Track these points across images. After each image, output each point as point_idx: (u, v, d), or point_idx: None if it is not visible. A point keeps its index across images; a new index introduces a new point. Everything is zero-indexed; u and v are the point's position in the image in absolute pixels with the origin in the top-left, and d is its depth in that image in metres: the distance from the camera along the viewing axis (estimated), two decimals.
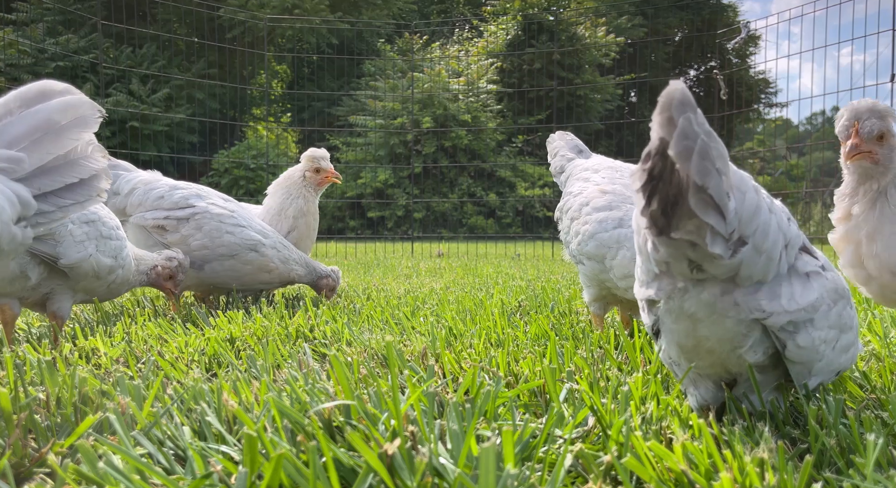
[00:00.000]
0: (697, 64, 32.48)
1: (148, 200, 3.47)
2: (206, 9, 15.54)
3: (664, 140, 1.14)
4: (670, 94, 1.13)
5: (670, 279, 1.37)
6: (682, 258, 1.28)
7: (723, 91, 10.11)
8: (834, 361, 1.48)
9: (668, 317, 1.42)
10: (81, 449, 1.07)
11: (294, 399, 1.47)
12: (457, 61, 24.59)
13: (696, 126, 1.12)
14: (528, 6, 24.83)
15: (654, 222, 1.22)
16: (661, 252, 1.29)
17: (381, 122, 21.81)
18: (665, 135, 1.13)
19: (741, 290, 1.33)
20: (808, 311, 1.36)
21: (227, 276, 3.53)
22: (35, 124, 1.72)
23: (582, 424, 1.40)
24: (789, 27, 9.78)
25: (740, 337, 1.37)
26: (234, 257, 3.50)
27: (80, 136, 1.82)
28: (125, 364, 2.09)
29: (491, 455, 0.94)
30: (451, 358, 1.97)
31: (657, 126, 1.14)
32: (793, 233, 1.38)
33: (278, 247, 3.68)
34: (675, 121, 1.12)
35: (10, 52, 18.19)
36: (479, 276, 6.09)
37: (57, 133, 1.75)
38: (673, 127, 1.12)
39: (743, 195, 1.23)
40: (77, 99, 1.81)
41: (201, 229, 3.44)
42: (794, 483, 1.06)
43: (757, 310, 1.33)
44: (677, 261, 1.30)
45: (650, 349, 2.12)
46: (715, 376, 1.50)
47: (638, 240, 1.39)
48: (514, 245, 14.32)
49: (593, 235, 2.53)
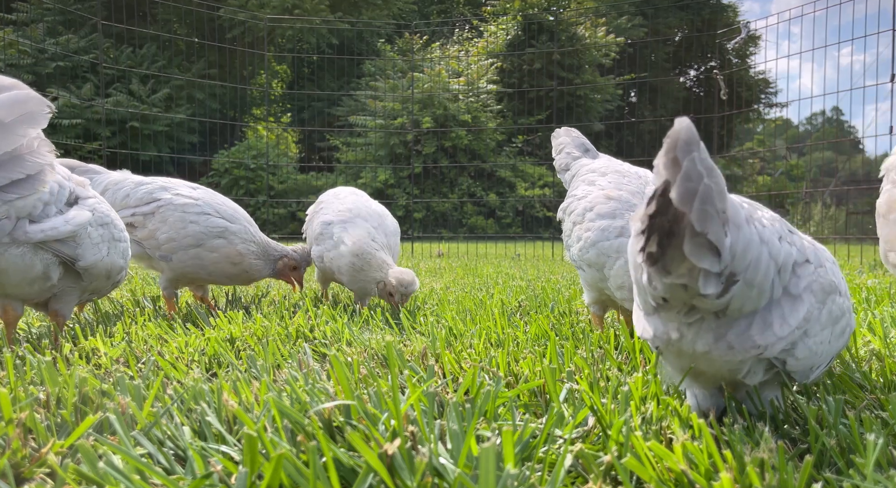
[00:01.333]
0: (697, 64, 32.48)
1: (116, 200, 3.45)
2: (206, 9, 15.54)
3: (668, 182, 1.13)
4: (676, 133, 1.12)
5: (665, 325, 1.37)
6: (677, 297, 1.29)
7: (723, 91, 10.11)
8: (831, 351, 1.49)
9: (667, 353, 1.44)
10: (81, 449, 1.07)
11: (294, 399, 1.47)
12: (457, 61, 24.58)
13: (699, 166, 1.11)
14: (528, 6, 24.83)
15: (650, 262, 1.22)
16: (657, 289, 1.28)
17: (381, 122, 21.80)
18: (669, 178, 1.12)
19: (734, 331, 1.32)
20: (800, 327, 1.36)
21: (195, 265, 3.47)
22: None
23: (582, 424, 1.41)
24: (789, 27, 9.79)
25: (738, 368, 1.38)
26: (200, 246, 3.46)
27: (28, 133, 1.79)
28: (125, 364, 2.09)
29: (491, 455, 0.94)
30: (451, 358, 1.97)
31: (662, 167, 1.13)
32: (784, 253, 1.35)
33: (244, 234, 3.57)
34: (679, 162, 1.11)
35: (11, 52, 18.18)
36: (479, 276, 6.09)
37: (2, 130, 1.72)
38: (677, 169, 1.11)
39: (738, 230, 1.22)
40: (24, 94, 1.77)
41: (166, 221, 3.42)
42: (794, 483, 1.06)
43: (752, 348, 1.32)
44: (673, 298, 1.30)
45: (650, 349, 2.12)
46: (715, 386, 1.52)
47: (634, 274, 1.39)
48: (514, 245, 14.32)
49: (595, 243, 2.50)
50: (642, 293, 1.38)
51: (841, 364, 1.95)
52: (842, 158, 26.36)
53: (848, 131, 35.24)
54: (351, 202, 3.86)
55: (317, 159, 22.67)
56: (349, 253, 3.50)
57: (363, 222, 3.69)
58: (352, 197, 3.96)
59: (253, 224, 3.69)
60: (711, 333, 1.33)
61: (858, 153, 28.56)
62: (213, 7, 17.54)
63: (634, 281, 1.40)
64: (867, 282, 4.86)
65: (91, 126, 19.79)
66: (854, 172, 27.59)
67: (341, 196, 4.00)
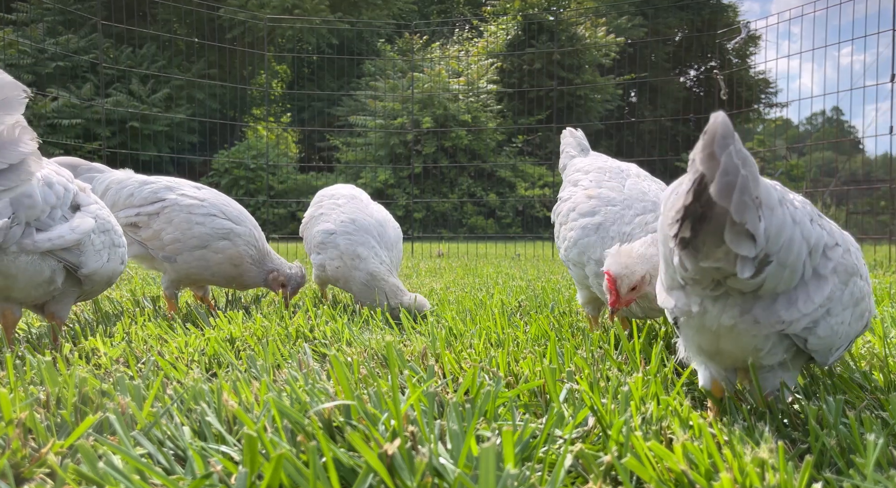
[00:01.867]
0: (697, 64, 32.47)
1: (120, 199, 3.44)
2: (206, 9, 15.53)
3: (705, 176, 1.16)
4: (713, 129, 1.15)
5: (689, 296, 1.40)
6: (708, 276, 1.32)
7: (723, 91, 10.11)
8: (851, 333, 1.52)
9: (687, 328, 1.46)
10: (81, 449, 1.07)
11: (294, 399, 1.47)
12: (457, 61, 24.57)
13: (735, 158, 1.14)
14: (528, 6, 24.83)
15: (682, 246, 1.26)
16: (688, 270, 1.32)
17: (381, 122, 21.80)
18: (707, 172, 1.16)
19: (760, 305, 1.35)
20: (823, 305, 1.39)
21: (199, 267, 3.45)
22: None
23: (582, 424, 1.40)
24: (789, 27, 9.78)
25: (762, 345, 1.40)
26: (205, 247, 3.45)
27: (4, 120, 1.75)
28: (125, 364, 2.09)
29: (491, 455, 0.94)
30: (451, 358, 1.97)
31: (699, 162, 1.16)
32: (816, 235, 1.38)
33: (248, 237, 3.55)
34: (717, 157, 1.14)
35: (11, 52, 18.18)
36: (479, 276, 6.09)
37: None
38: (716, 163, 1.14)
39: (771, 212, 1.24)
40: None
41: (171, 222, 3.40)
42: (794, 483, 1.06)
43: (777, 323, 1.35)
44: (703, 278, 1.33)
45: (649, 349, 2.12)
46: (731, 368, 1.55)
47: (664, 250, 1.41)
48: (514, 245, 14.31)
49: (576, 242, 2.56)
50: (670, 271, 1.41)
51: (841, 364, 1.95)
52: (842, 158, 26.34)
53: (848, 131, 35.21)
54: (351, 210, 3.82)
55: (317, 159, 22.67)
56: (366, 274, 3.50)
57: (368, 237, 3.67)
58: (352, 204, 3.91)
59: (258, 228, 3.68)
60: (737, 307, 1.36)
61: (858, 153, 28.53)
62: (213, 7, 17.53)
63: (663, 258, 1.43)
64: None
65: (91, 126, 19.78)
66: (854, 172, 27.56)
67: (340, 201, 3.95)
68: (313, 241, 3.85)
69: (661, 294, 1.50)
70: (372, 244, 3.65)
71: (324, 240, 3.72)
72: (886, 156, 10.08)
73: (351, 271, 3.57)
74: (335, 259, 3.64)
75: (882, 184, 10.59)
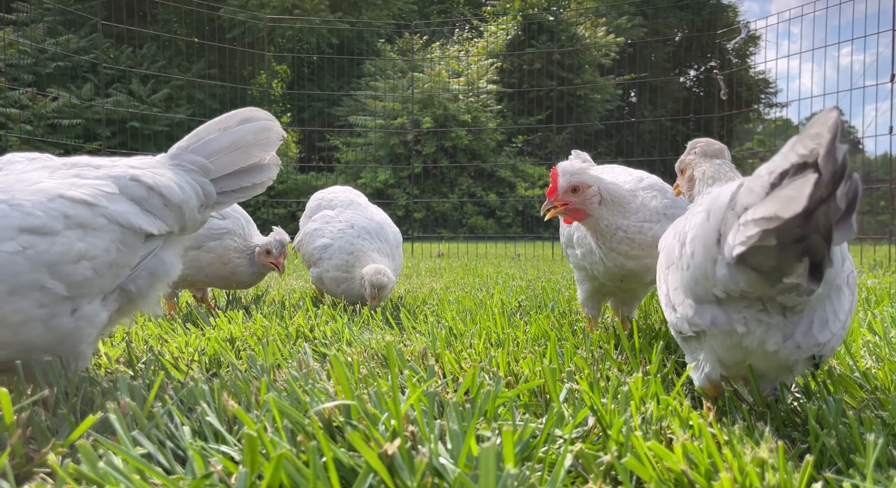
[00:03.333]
0: (697, 64, 32.47)
1: None
2: (206, 9, 15.53)
3: (822, 176, 1.02)
4: (828, 119, 1.03)
5: (728, 316, 1.35)
6: (761, 292, 1.26)
7: (723, 91, 10.10)
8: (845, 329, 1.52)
9: (718, 344, 1.42)
10: (81, 449, 1.07)
11: (294, 399, 1.47)
12: (457, 61, 24.57)
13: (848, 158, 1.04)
14: (528, 6, 24.83)
15: (740, 261, 1.18)
16: (739, 284, 1.25)
17: (381, 122, 21.79)
18: (828, 172, 1.02)
19: (800, 330, 1.33)
20: (845, 321, 1.39)
21: (193, 268, 3.44)
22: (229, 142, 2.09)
23: (582, 424, 1.40)
24: (789, 27, 9.78)
25: (795, 366, 1.40)
26: (199, 248, 3.43)
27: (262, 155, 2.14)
28: (125, 364, 2.09)
29: (491, 455, 0.94)
30: (451, 358, 1.97)
31: (822, 160, 1.02)
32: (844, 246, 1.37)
33: (237, 229, 3.53)
34: (837, 156, 1.02)
35: (11, 52, 18.17)
36: (479, 276, 6.09)
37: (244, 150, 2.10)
38: (836, 163, 1.02)
39: None
40: (268, 124, 2.12)
41: None
42: (794, 483, 1.06)
43: (815, 346, 1.34)
44: (753, 292, 1.27)
45: (649, 349, 2.12)
46: (741, 375, 1.53)
47: (693, 260, 1.36)
48: (514, 245, 14.31)
49: None
50: (705, 283, 1.35)
51: (841, 363, 1.95)
52: None
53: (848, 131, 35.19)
54: (346, 219, 3.80)
55: (317, 159, 22.66)
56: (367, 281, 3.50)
57: (368, 244, 3.68)
58: (348, 213, 3.88)
59: (245, 217, 3.65)
60: (780, 332, 1.33)
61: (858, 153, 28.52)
62: (213, 7, 17.53)
63: (692, 267, 1.37)
64: (867, 282, 4.85)
65: (91, 126, 19.78)
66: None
67: (334, 213, 3.92)
68: (310, 258, 3.86)
69: (687, 307, 1.42)
70: (371, 243, 3.67)
71: (321, 255, 3.74)
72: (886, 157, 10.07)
73: (350, 269, 3.58)
74: (331, 270, 3.67)
75: (882, 184, 10.59)
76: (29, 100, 19.01)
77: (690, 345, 1.55)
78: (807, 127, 1.05)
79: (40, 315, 1.56)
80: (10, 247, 1.51)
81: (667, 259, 1.63)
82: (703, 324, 1.38)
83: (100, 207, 1.71)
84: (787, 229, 1.05)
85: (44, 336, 1.58)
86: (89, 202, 1.69)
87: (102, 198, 1.73)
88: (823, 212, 1.03)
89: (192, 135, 2.10)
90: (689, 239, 1.40)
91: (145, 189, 1.85)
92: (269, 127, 2.12)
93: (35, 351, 1.59)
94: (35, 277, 1.54)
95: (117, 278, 1.77)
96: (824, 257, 1.12)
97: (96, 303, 1.71)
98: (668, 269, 1.60)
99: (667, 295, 1.56)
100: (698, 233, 1.34)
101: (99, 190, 1.74)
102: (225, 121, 2.10)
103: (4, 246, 1.51)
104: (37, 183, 1.67)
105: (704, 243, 1.31)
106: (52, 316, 1.58)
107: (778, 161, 1.08)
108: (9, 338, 1.53)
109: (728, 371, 1.49)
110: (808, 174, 1.02)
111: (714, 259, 1.27)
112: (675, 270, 1.52)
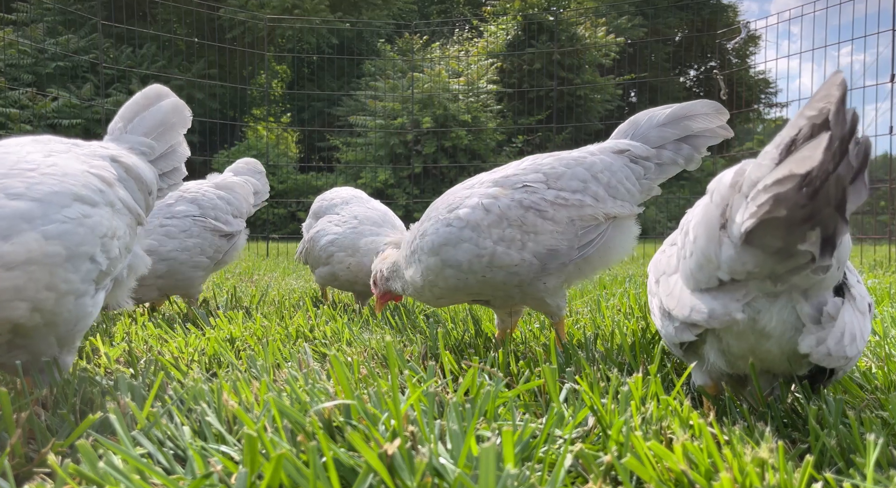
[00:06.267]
0: (697, 64, 32.46)
1: None
2: (206, 9, 15.53)
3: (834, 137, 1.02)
4: (835, 82, 1.02)
5: (728, 301, 1.32)
6: (771, 269, 1.24)
7: (723, 91, 10.10)
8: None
9: (728, 335, 1.40)
10: (81, 448, 1.07)
11: (294, 399, 1.47)
12: (457, 61, 24.56)
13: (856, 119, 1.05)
14: (528, 6, 24.81)
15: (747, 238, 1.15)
16: (746, 262, 1.23)
17: (381, 122, 21.78)
18: (838, 131, 1.02)
19: (832, 338, 1.31)
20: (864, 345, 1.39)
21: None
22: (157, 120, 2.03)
23: (582, 424, 1.40)
24: (789, 27, 9.78)
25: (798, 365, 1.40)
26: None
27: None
28: (125, 364, 2.09)
29: (491, 455, 0.94)
30: (451, 358, 1.97)
31: (833, 119, 1.02)
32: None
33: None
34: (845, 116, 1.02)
35: (11, 52, 18.17)
36: None
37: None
38: (846, 122, 1.02)
39: None
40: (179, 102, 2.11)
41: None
42: (794, 483, 1.06)
43: (842, 358, 1.32)
44: (762, 270, 1.25)
45: (650, 349, 2.12)
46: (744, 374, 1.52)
47: (696, 245, 1.34)
48: None
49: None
50: (708, 267, 1.32)
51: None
52: None
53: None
54: (349, 213, 3.84)
55: (317, 159, 22.65)
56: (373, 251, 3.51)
57: (375, 230, 3.70)
58: (350, 208, 3.92)
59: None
60: (813, 337, 1.30)
61: None
62: (213, 7, 17.53)
63: (694, 253, 1.35)
64: (867, 282, 4.85)
65: (91, 126, 19.76)
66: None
67: (337, 217, 3.92)
68: (321, 258, 3.83)
69: (684, 302, 1.39)
70: (378, 229, 3.68)
71: (330, 250, 3.74)
72: (886, 157, 10.05)
73: (362, 258, 3.57)
74: (340, 262, 3.65)
75: (882, 184, 10.59)
76: (29, 100, 19.01)
77: (689, 357, 1.54)
78: (813, 95, 1.06)
79: (79, 290, 1.48)
80: (73, 213, 1.45)
81: (655, 271, 1.63)
82: (700, 318, 1.36)
83: (116, 187, 1.67)
84: (797, 196, 1.04)
85: (67, 314, 1.49)
86: (110, 181, 1.65)
87: (115, 180, 1.69)
88: (834, 180, 1.03)
89: (121, 115, 2.07)
90: (693, 225, 1.39)
91: (124, 170, 1.78)
92: (183, 104, 2.12)
93: (48, 328, 1.49)
94: (90, 248, 1.48)
95: (123, 264, 1.70)
96: (836, 228, 1.10)
97: (103, 290, 1.64)
98: (657, 283, 1.59)
99: (660, 306, 1.54)
100: (701, 217, 1.33)
101: (109, 171, 1.70)
102: (141, 100, 2.08)
103: (67, 212, 1.44)
104: (55, 160, 1.59)
105: (707, 225, 1.29)
106: (84, 293, 1.51)
107: (784, 133, 1.08)
108: (49, 305, 1.43)
109: (732, 367, 1.49)
110: (822, 134, 1.01)
111: (718, 240, 1.25)
112: (665, 279, 1.52)
